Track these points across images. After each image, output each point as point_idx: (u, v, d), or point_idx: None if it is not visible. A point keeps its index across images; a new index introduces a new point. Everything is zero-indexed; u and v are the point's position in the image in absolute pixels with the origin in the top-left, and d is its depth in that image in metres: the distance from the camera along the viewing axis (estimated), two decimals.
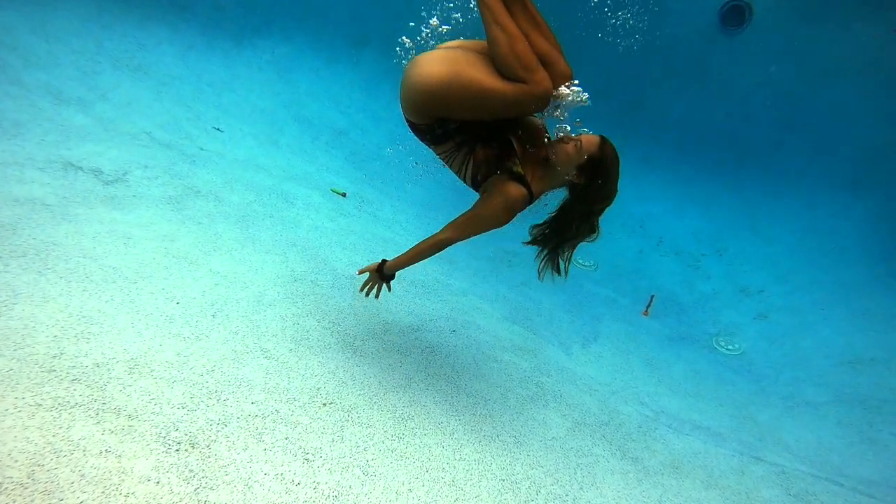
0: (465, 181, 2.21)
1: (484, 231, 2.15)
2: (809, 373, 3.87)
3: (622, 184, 2.14)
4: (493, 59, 1.87)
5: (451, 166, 2.22)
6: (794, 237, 5.06)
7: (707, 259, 5.15)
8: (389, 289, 2.52)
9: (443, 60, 1.90)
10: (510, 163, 2.05)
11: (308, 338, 2.55)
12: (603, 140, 1.98)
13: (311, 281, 3.04)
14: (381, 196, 4.69)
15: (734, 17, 5.23)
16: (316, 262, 3.25)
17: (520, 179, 2.03)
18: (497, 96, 1.87)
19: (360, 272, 2.48)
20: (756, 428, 3.20)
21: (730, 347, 4.14)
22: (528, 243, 2.25)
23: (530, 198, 2.07)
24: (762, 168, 5.38)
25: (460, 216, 2.17)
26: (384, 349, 2.71)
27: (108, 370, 1.87)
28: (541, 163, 2.10)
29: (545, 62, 1.91)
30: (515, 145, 2.08)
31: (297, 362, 2.35)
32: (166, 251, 2.70)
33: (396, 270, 2.41)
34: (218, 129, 4.37)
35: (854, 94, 4.94)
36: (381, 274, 2.41)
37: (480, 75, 1.86)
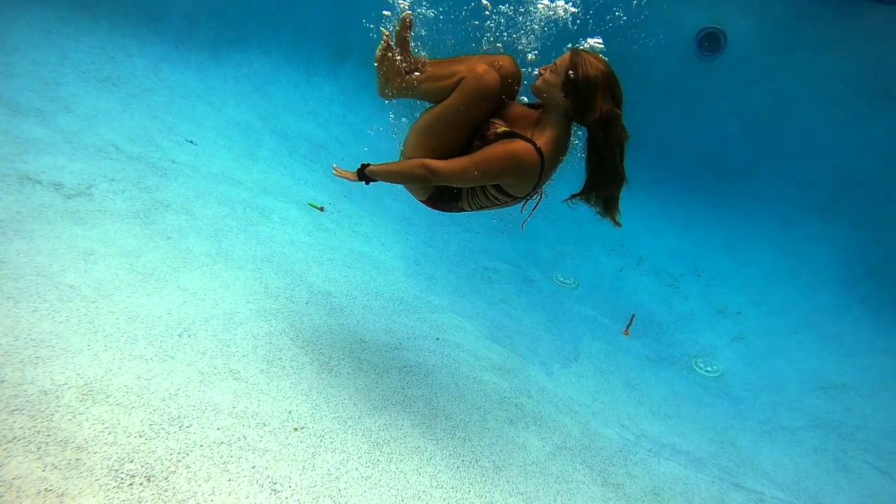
0: (495, 201, 2.10)
1: (475, 175, 1.94)
2: (785, 397, 3.90)
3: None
4: (437, 100, 2.05)
5: (485, 205, 2.15)
6: (769, 259, 5.15)
7: (685, 279, 5.19)
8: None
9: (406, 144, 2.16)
10: (493, 129, 1.97)
11: (281, 358, 2.45)
12: (574, 51, 1.90)
13: (286, 297, 2.94)
14: (360, 210, 4.62)
15: (710, 43, 5.36)
16: (291, 278, 3.16)
17: (512, 135, 1.93)
18: (453, 106, 1.97)
19: (337, 174, 2.31)
20: (735, 453, 3.19)
21: (709, 369, 4.15)
22: (576, 196, 2.08)
23: (541, 157, 1.89)
24: (738, 190, 5.49)
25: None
26: (360, 369, 2.63)
27: (57, 398, 1.74)
28: (535, 122, 2.00)
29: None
30: (493, 120, 2.02)
31: (268, 384, 2.25)
32: (131, 267, 2.58)
33: (375, 178, 2.20)
34: (191, 142, 4.25)
35: (823, 124, 5.10)
36: (361, 176, 2.22)
37: (431, 112, 2.05)
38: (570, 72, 1.85)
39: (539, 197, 2.14)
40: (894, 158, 4.82)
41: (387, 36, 2.15)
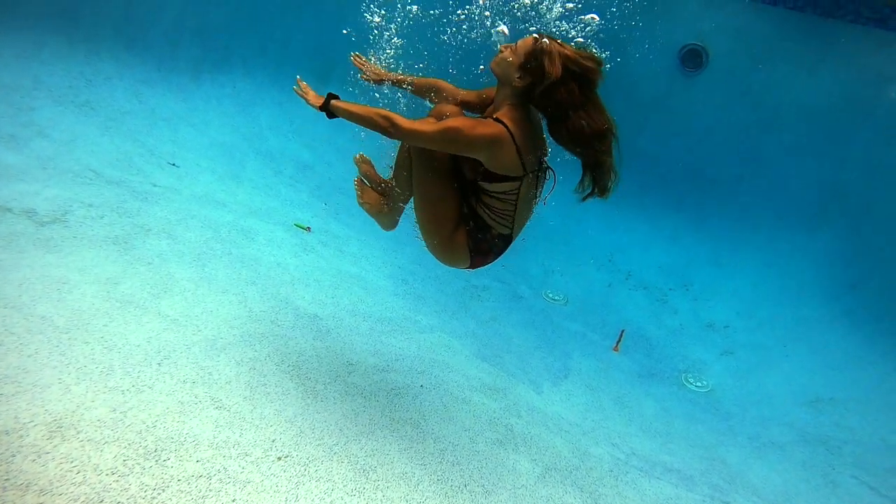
0: (504, 196, 2.01)
1: (436, 138, 1.86)
2: (774, 411, 3.90)
3: (592, 212, 2.05)
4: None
5: (503, 209, 2.07)
6: (756, 272, 5.19)
7: (674, 293, 5.20)
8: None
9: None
10: None
11: (265, 384, 2.40)
12: (537, 35, 1.89)
13: (271, 321, 2.89)
14: (348, 230, 4.59)
15: (692, 59, 5.47)
16: (277, 301, 3.11)
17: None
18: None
19: (300, 89, 2.21)
20: (725, 470, 3.16)
21: (698, 384, 4.13)
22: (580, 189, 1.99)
23: (503, 125, 1.85)
24: (724, 204, 5.55)
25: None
26: (347, 393, 2.58)
27: (21, 437, 1.67)
28: (492, 104, 2.03)
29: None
30: None
31: (251, 412, 2.19)
32: (108, 295, 2.52)
33: (336, 115, 2.08)
34: (173, 165, 4.21)
35: (805, 138, 5.21)
36: (324, 107, 2.08)
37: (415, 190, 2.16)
38: (529, 55, 1.86)
39: (553, 178, 2.10)
40: (873, 171, 4.94)
41: (357, 181, 2.45)
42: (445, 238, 2.12)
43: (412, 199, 2.23)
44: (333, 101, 2.09)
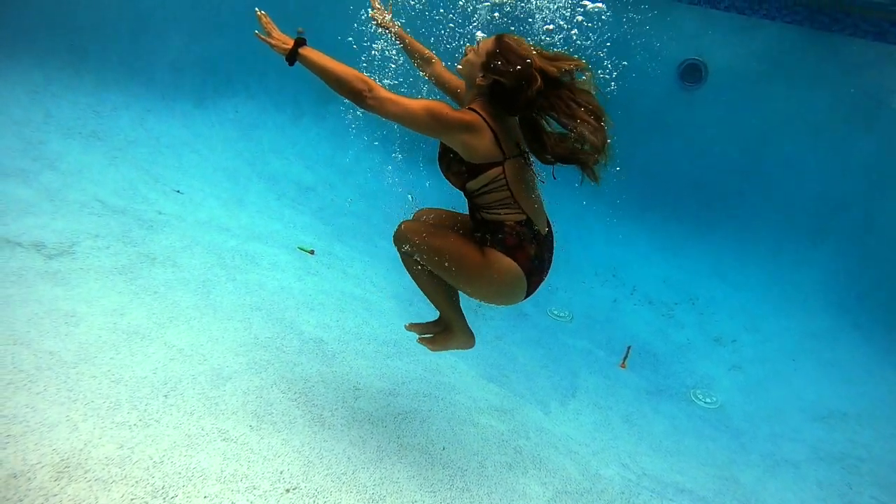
0: (493, 186, 1.96)
1: (414, 116, 1.79)
2: (786, 428, 3.85)
3: (594, 227, 2.07)
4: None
5: (501, 199, 1.99)
6: (760, 285, 5.18)
7: (680, 307, 5.17)
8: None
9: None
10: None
11: (272, 412, 2.38)
12: (499, 35, 1.92)
13: (277, 347, 2.89)
14: (351, 252, 4.60)
15: (691, 74, 5.52)
16: (282, 327, 3.11)
17: None
18: (431, 254, 2.15)
19: (262, 24, 1.92)
20: (739, 490, 3.11)
21: (707, 401, 4.09)
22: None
23: (476, 113, 1.88)
24: (726, 217, 5.57)
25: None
26: (354, 419, 2.56)
27: (28, 480, 1.65)
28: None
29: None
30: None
31: (258, 442, 2.18)
32: (115, 327, 2.52)
33: (304, 66, 1.86)
34: (178, 192, 4.24)
35: (805, 151, 5.24)
36: (291, 54, 1.83)
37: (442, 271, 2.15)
38: (490, 55, 1.89)
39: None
40: (874, 183, 4.96)
41: (420, 340, 2.46)
42: (484, 269, 2.00)
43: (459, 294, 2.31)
44: (303, 50, 1.83)
